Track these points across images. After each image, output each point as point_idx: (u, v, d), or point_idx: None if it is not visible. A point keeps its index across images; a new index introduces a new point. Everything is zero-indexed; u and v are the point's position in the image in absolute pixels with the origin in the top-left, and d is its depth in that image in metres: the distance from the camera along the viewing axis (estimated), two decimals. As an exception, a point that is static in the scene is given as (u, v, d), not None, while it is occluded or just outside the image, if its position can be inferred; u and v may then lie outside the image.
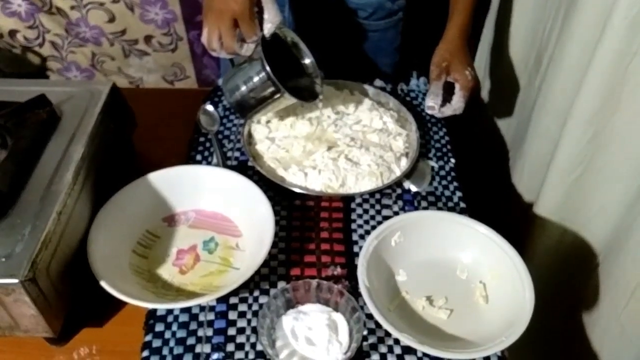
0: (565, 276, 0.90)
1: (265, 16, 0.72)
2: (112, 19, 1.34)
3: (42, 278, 0.54)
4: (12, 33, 1.36)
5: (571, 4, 0.77)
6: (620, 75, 0.70)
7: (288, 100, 0.75)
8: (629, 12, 0.64)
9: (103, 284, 0.59)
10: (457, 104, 0.78)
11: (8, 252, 0.53)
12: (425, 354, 0.60)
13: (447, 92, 0.81)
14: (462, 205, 0.76)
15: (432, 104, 0.78)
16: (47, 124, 0.67)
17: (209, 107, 0.86)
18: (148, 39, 1.38)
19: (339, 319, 0.61)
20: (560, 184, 0.83)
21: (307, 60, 0.80)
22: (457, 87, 0.79)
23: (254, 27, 0.71)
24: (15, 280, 0.51)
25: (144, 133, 0.83)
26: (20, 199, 0.58)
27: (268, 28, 0.72)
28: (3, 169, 0.60)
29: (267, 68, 0.71)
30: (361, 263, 0.63)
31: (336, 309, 0.62)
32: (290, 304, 0.62)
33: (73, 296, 0.61)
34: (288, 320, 0.61)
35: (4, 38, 1.37)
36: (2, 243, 0.54)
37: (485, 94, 1.16)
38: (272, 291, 0.64)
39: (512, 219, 0.96)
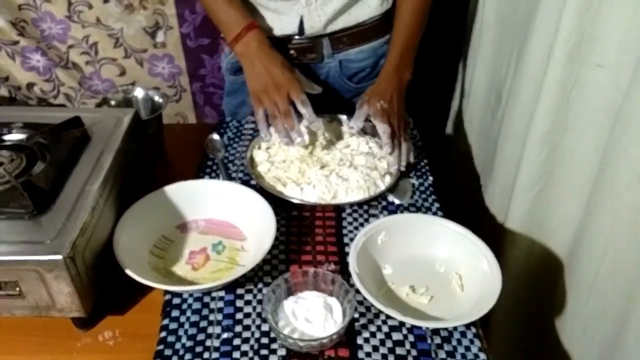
0: (537, 286, 0.99)
1: None
2: (122, 73, 1.48)
3: (79, 260, 0.63)
4: (30, 86, 1.49)
5: (523, 45, 0.91)
6: (565, 100, 0.82)
7: None
8: (567, 46, 0.78)
9: (128, 271, 0.68)
10: (380, 128, 0.91)
11: (53, 236, 0.62)
12: (409, 331, 0.68)
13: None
14: (440, 213, 0.87)
15: (352, 125, 0.95)
16: (80, 141, 0.77)
17: (216, 136, 0.98)
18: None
19: (334, 302, 0.70)
20: (524, 199, 0.94)
21: None
22: (371, 116, 0.92)
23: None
24: (59, 257, 0.60)
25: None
26: (60, 197, 0.68)
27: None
28: (45, 172, 0.70)
29: None
30: (352, 255, 0.73)
31: (331, 294, 0.71)
32: (290, 292, 0.71)
33: (100, 286, 0.69)
34: (289, 304, 0.69)
35: (21, 90, 1.50)
36: (47, 229, 0.63)
37: (460, 132, 1.29)
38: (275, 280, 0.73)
39: (486, 237, 1.07)
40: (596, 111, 0.78)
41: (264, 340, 0.67)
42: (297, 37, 1.02)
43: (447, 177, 1.31)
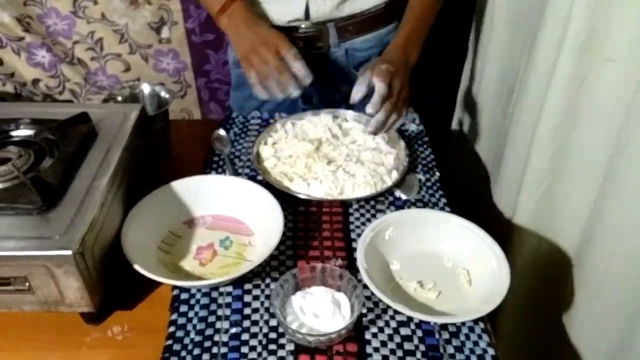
0: (546, 282, 0.98)
1: None
2: (127, 69, 1.48)
3: (88, 255, 0.63)
4: (35, 82, 1.49)
5: (533, 39, 0.91)
6: (574, 95, 0.82)
7: None
8: (577, 40, 0.78)
9: (136, 266, 0.68)
10: (377, 86, 0.84)
11: (62, 231, 0.62)
12: (417, 326, 0.68)
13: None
14: (447, 209, 0.86)
15: (354, 91, 0.87)
16: (88, 137, 0.77)
17: (222, 132, 0.98)
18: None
19: (342, 298, 0.70)
20: (532, 195, 0.94)
21: None
22: (374, 76, 0.84)
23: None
24: (69, 252, 0.60)
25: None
26: (68, 193, 0.68)
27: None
28: (53, 168, 0.70)
29: None
30: (359, 250, 0.73)
31: (339, 290, 0.71)
32: (298, 287, 0.71)
33: (108, 281, 0.69)
34: (297, 299, 0.69)
35: (27, 86, 1.50)
36: (56, 224, 0.63)
37: (467, 128, 1.29)
38: (283, 275, 0.73)
39: (494, 233, 1.06)
40: (606, 106, 0.77)
41: (272, 335, 0.67)
42: (303, 23, 1.01)
43: (454, 173, 1.31)
